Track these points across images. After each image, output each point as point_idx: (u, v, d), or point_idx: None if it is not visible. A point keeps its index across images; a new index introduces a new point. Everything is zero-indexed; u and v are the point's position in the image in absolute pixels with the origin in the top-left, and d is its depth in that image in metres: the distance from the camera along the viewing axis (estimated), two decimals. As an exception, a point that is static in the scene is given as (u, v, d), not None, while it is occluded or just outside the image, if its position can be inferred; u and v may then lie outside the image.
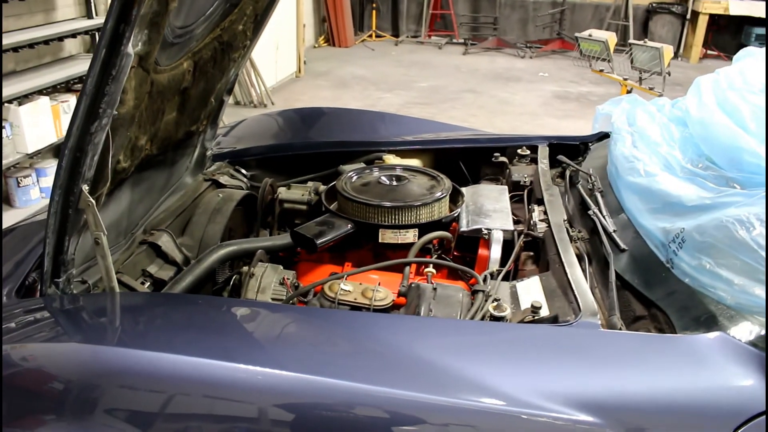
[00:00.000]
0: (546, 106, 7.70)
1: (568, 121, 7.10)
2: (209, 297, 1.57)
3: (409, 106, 7.50)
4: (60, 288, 1.57)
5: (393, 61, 10.05)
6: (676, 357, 1.28)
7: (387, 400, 1.16)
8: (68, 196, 1.48)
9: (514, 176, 2.21)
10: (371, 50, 10.62)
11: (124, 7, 1.26)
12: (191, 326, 1.44)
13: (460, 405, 1.16)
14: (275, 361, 1.23)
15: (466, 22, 11.42)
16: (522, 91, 8.45)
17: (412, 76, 9.02)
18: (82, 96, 1.36)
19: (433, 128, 3.10)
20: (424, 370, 1.23)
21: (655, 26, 10.33)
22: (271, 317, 1.46)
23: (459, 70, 9.59)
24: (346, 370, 1.21)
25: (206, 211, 2.01)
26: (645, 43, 3.73)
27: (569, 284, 1.52)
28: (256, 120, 3.28)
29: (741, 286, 1.30)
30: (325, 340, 1.35)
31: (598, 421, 1.16)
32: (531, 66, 10.05)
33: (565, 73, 9.56)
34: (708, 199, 1.49)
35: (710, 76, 2.05)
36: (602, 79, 9.05)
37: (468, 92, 8.25)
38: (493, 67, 9.85)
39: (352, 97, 7.74)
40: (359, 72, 9.04)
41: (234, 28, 2.10)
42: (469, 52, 10.78)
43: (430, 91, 8.23)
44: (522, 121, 7.06)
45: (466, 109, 7.50)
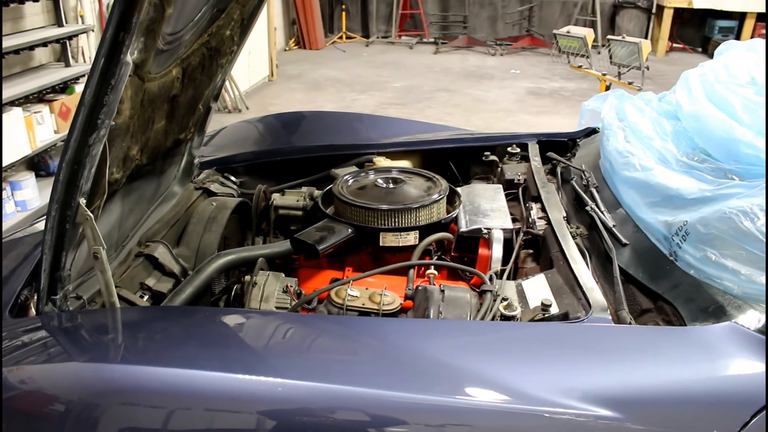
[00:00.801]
0: (520, 103, 7.77)
1: (543, 117, 7.17)
2: (213, 309, 1.54)
3: (384, 107, 7.50)
4: (57, 305, 1.53)
5: (365, 62, 10.04)
6: (689, 348, 1.29)
7: (411, 405, 1.15)
8: (65, 211, 1.44)
9: (508, 175, 2.22)
10: (342, 52, 10.59)
11: (123, 14, 1.23)
12: (197, 339, 1.41)
13: (483, 406, 1.16)
14: (290, 371, 1.21)
15: (435, 22, 11.46)
16: (495, 88, 8.52)
17: (385, 76, 9.03)
18: (80, 107, 1.32)
19: (419, 129, 3.10)
20: (444, 373, 1.22)
21: (622, 21, 10.50)
22: (280, 326, 1.44)
23: (431, 69, 9.62)
24: (365, 378, 1.20)
25: (201, 220, 1.98)
26: (623, 39, 3.79)
27: (576, 281, 1.53)
28: (237, 127, 3.24)
29: (747, 275, 1.33)
30: (340, 347, 1.34)
31: (618, 416, 1.17)
32: (502, 63, 10.13)
33: (536, 69, 9.66)
34: (708, 192, 1.51)
35: (696, 70, 2.08)
36: (574, 75, 9.18)
37: (442, 91, 8.27)
38: (465, 66, 9.91)
39: (327, 100, 7.71)
40: (332, 74, 9.01)
41: (222, 34, 2.08)
42: (440, 51, 10.83)
43: (404, 91, 8.24)
44: (498, 119, 7.11)
45: (441, 108, 7.52)
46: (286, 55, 10.07)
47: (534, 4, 10.93)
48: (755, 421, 1.18)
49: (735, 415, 1.19)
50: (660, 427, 1.20)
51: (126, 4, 1.22)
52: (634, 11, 10.41)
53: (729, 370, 1.26)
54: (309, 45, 10.53)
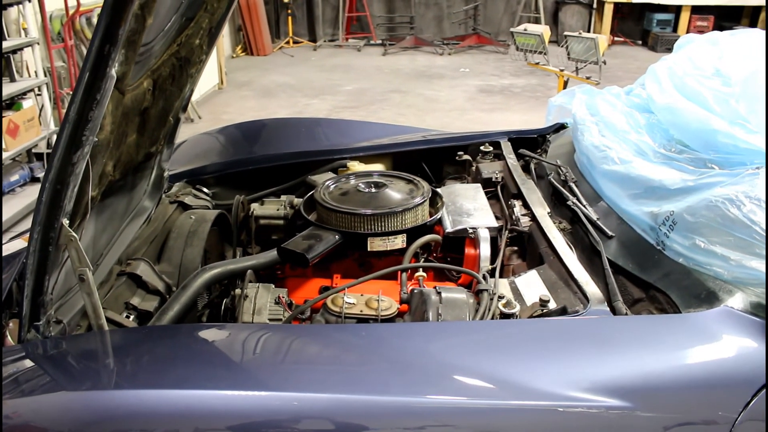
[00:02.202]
0: (472, 101, 7.86)
1: (496, 114, 7.28)
2: (206, 325, 1.50)
3: (337, 111, 7.48)
4: (40, 332, 1.47)
5: (314, 66, 9.98)
6: (687, 334, 1.33)
7: (427, 409, 1.15)
8: (48, 233, 1.38)
9: (485, 173, 2.24)
10: (290, 57, 10.51)
11: (109, 26, 1.19)
12: (194, 358, 1.37)
13: (498, 406, 1.17)
14: (302, 384, 1.19)
15: (382, 23, 11.49)
16: (446, 87, 8.60)
17: (336, 80, 9.00)
18: (64, 124, 1.27)
19: (389, 132, 3.09)
20: (455, 375, 1.22)
21: (564, 17, 10.76)
22: (280, 339, 1.42)
23: (381, 70, 9.65)
24: (379, 385, 1.20)
25: (181, 234, 1.93)
26: (580, 35, 3.88)
27: (570, 275, 1.56)
28: (198, 140, 3.17)
29: (737, 261, 1.37)
30: (347, 356, 1.32)
31: (628, 405, 1.19)
32: (451, 62, 10.23)
33: (484, 67, 9.80)
34: (691, 182, 1.56)
35: (663, 63, 2.14)
36: (522, 71, 9.36)
37: (394, 92, 8.30)
38: (415, 66, 9.97)
39: (279, 106, 7.63)
40: (282, 79, 8.93)
41: (191, 43, 2.03)
42: (389, 52, 10.86)
43: (356, 94, 8.24)
44: (452, 118, 7.18)
45: (394, 109, 7.54)
46: (234, 62, 9.93)
47: (478, 3, 11.09)
48: (756, 400, 1.23)
49: (737, 396, 1.23)
50: (668, 412, 1.23)
51: (112, 16, 1.18)
52: (576, 7, 10.68)
53: (727, 352, 1.30)
54: (256, 51, 10.41)
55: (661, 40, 10.34)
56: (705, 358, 1.29)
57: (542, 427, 1.18)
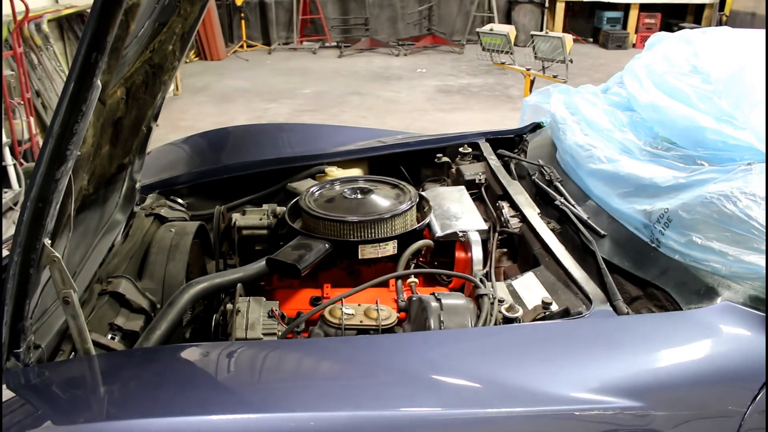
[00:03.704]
0: (432, 101, 7.89)
1: (456, 114, 7.31)
2: (201, 345, 1.43)
3: (298, 114, 7.40)
4: (21, 360, 1.38)
5: (270, 70, 9.86)
6: (691, 331, 1.34)
7: (446, 421, 1.12)
8: (29, 254, 1.30)
9: (467, 175, 2.22)
10: (245, 61, 10.36)
11: (96, 33, 1.12)
12: (191, 381, 1.30)
13: (519, 414, 1.15)
14: (317, 402, 1.15)
15: (336, 25, 11.43)
16: (405, 88, 8.60)
17: (293, 83, 8.91)
18: (48, 138, 1.20)
19: (359, 135, 3.05)
20: (470, 384, 1.20)
21: (517, 16, 10.90)
22: (279, 356, 1.36)
23: (338, 73, 9.59)
24: (394, 400, 1.16)
25: (162, 249, 1.85)
26: (547, 34, 3.92)
27: (569, 276, 1.55)
28: (163, 151, 3.06)
29: (735, 256, 1.39)
30: (354, 371, 1.28)
31: (641, 405, 1.19)
32: (407, 63, 10.25)
33: (441, 67, 9.85)
34: (682, 179, 1.58)
35: (638, 62, 2.17)
36: (479, 71, 9.45)
37: (353, 94, 8.26)
38: (371, 68, 9.95)
39: (238, 111, 7.50)
40: (238, 84, 8.79)
41: (164, 49, 1.96)
42: (344, 54, 10.81)
43: (315, 97, 8.17)
44: (413, 119, 7.18)
45: (355, 112, 7.51)
46: (188, 68, 9.71)
47: (432, 3, 11.14)
48: (763, 393, 1.24)
49: (745, 389, 1.25)
50: (680, 410, 1.23)
51: (99, 22, 1.11)
52: (528, 6, 10.84)
53: (733, 346, 1.31)
54: (210, 56, 10.21)
55: (612, 38, 10.59)
56: (712, 353, 1.30)
57: None
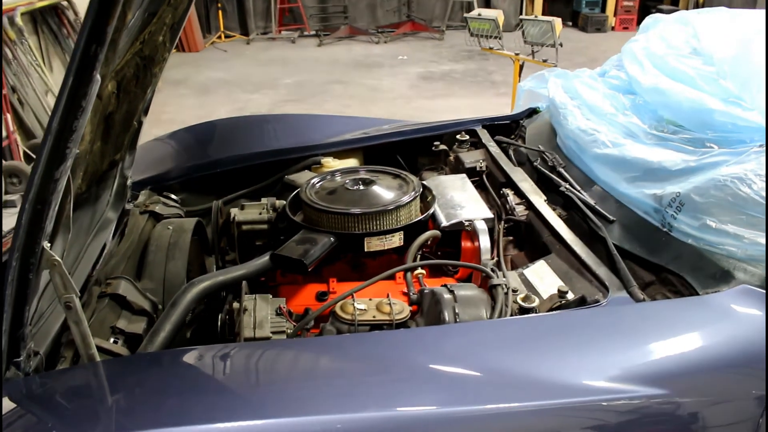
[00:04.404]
0: (415, 88, 7.84)
1: (440, 101, 7.28)
2: (211, 347, 1.38)
3: (280, 105, 7.31)
4: (21, 369, 1.32)
5: (249, 60, 9.73)
6: (711, 315, 1.33)
7: (481, 417, 1.10)
8: (28, 259, 1.25)
9: (468, 163, 2.19)
10: (224, 51, 10.20)
11: (96, 24, 1.06)
12: (206, 387, 1.25)
13: (548, 406, 1.13)
14: (339, 405, 1.11)
15: (315, 14, 11.30)
16: (387, 76, 8.54)
17: (274, 73, 8.80)
18: (46, 137, 1.14)
19: (349, 125, 3.00)
20: (498, 378, 1.18)
21: (496, 1, 10.85)
22: (294, 356, 1.33)
23: (319, 62, 9.49)
24: (419, 399, 1.13)
25: (161, 247, 1.79)
26: (536, 18, 3.89)
27: (582, 263, 1.53)
28: (151, 146, 2.98)
29: (751, 239, 1.37)
30: (374, 370, 1.24)
31: (666, 392, 1.18)
32: (387, 51, 10.18)
33: (422, 54, 9.79)
34: (693, 162, 1.56)
35: (636, 45, 2.15)
36: (460, 56, 9.41)
37: (335, 83, 8.18)
38: (352, 56, 9.86)
39: (219, 102, 7.39)
40: (218, 75, 8.66)
41: (154, 40, 1.89)
42: (324, 43, 10.70)
43: (296, 87, 8.08)
44: (397, 106, 7.13)
45: (338, 101, 7.44)
46: (164, 59, 9.54)
47: (411, -10, 11.07)
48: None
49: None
50: (704, 396, 1.22)
51: (99, 12, 1.06)
52: (507, -10, 10.81)
53: (753, 330, 1.29)
54: (188, 47, 10.04)
55: (591, 21, 10.60)
56: (733, 337, 1.28)
57: (590, 424, 1.15)
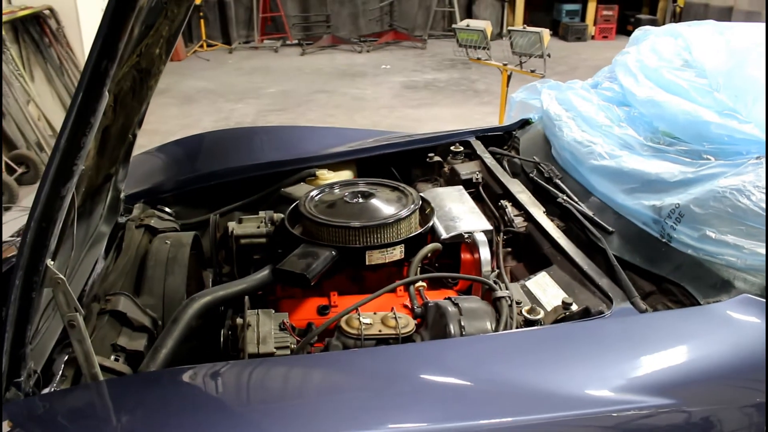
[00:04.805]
0: (399, 98, 7.86)
1: (424, 110, 7.31)
2: (214, 365, 1.36)
3: (264, 114, 7.29)
4: (22, 389, 1.30)
5: (232, 69, 9.70)
6: (715, 325, 1.35)
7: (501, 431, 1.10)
8: (31, 277, 1.23)
9: (463, 174, 2.20)
10: (206, 61, 10.16)
11: (108, 38, 1.06)
12: (216, 406, 1.24)
13: (558, 419, 1.14)
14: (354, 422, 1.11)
15: (297, 23, 11.31)
16: (371, 85, 8.56)
17: (257, 82, 8.78)
18: (54, 154, 1.13)
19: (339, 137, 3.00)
20: (509, 391, 1.18)
21: (478, 10, 10.96)
22: (303, 372, 1.32)
23: (302, 71, 9.49)
24: (435, 413, 1.13)
25: (159, 262, 1.78)
26: (524, 29, 3.94)
27: (585, 275, 1.54)
28: (139, 160, 2.95)
29: (750, 249, 1.40)
30: (386, 385, 1.24)
31: (675, 402, 1.20)
32: (371, 60, 10.20)
33: (405, 63, 9.83)
34: (691, 174, 1.58)
35: (628, 57, 2.18)
36: (443, 66, 9.47)
37: (319, 93, 8.18)
38: (335, 65, 9.87)
39: (203, 112, 7.35)
40: (201, 84, 8.62)
41: (151, 53, 1.89)
42: (307, 52, 10.71)
43: (280, 96, 8.06)
44: (382, 116, 7.15)
45: (322, 110, 7.43)
46: (146, 69, 9.48)
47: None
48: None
49: None
50: (710, 404, 1.24)
51: (111, 28, 1.05)
52: (489, 0, 10.90)
53: (757, 338, 1.31)
54: (170, 56, 9.96)
55: (571, 30, 10.74)
56: (736, 346, 1.30)
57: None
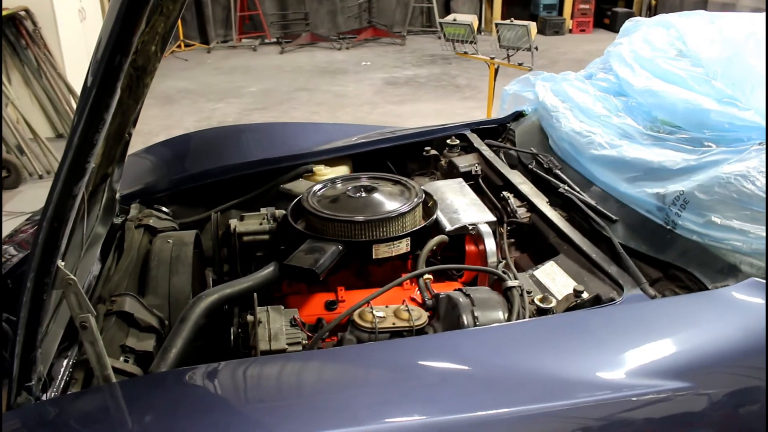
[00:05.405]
0: (381, 94, 7.86)
1: (407, 106, 7.31)
2: (227, 363, 1.34)
3: (247, 113, 7.24)
4: (33, 394, 1.28)
5: (211, 69, 9.61)
6: (725, 308, 1.37)
7: (514, 418, 1.10)
8: (42, 279, 1.21)
9: (462, 167, 2.21)
10: (185, 61, 10.04)
11: (121, 34, 1.04)
12: (233, 404, 1.24)
13: (580, 404, 1.15)
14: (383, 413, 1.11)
15: (276, 21, 11.24)
16: (352, 82, 8.54)
17: (237, 82, 8.71)
18: (67, 152, 1.11)
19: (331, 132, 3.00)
20: (530, 379, 1.19)
21: (456, 5, 10.99)
22: (319, 367, 1.32)
23: (282, 69, 9.44)
24: (457, 403, 1.14)
25: (163, 262, 1.76)
26: (512, 22, 3.96)
27: (592, 263, 1.56)
28: (126, 162, 2.92)
29: (756, 233, 1.42)
30: (407, 377, 1.24)
31: (690, 385, 1.21)
32: (350, 57, 10.18)
33: (385, 59, 9.82)
34: (693, 161, 1.60)
35: (622, 48, 2.20)
36: (423, 61, 9.48)
37: (300, 91, 8.14)
38: (315, 63, 9.83)
39: (184, 112, 7.28)
40: (180, 85, 8.52)
41: (147, 50, 1.86)
42: (286, 50, 10.64)
43: (261, 95, 8.01)
44: (365, 112, 7.14)
45: (305, 108, 7.40)
46: (123, 69, 9.34)
47: (371, -4, 11.11)
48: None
49: None
50: (725, 386, 1.26)
51: (125, 21, 1.04)
52: (467, -4, 10.96)
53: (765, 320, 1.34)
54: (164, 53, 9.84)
55: (549, 24, 10.82)
56: (747, 328, 1.32)
57: (622, 419, 1.17)
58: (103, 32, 1.19)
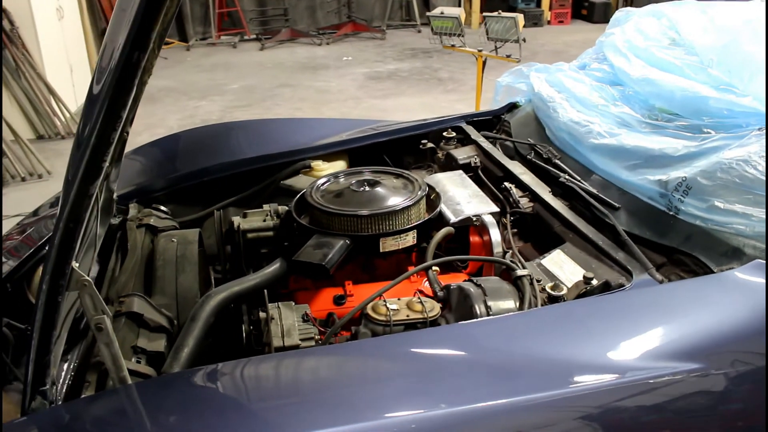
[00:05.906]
0: (364, 89, 7.85)
1: (391, 100, 7.31)
2: (241, 361, 1.34)
3: (230, 111, 7.19)
4: (47, 398, 1.27)
5: (191, 66, 9.52)
6: (732, 291, 1.40)
7: (538, 405, 1.12)
8: (57, 281, 1.20)
9: (460, 159, 2.22)
10: (164, 59, 9.90)
11: (140, 30, 1.04)
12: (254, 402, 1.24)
13: (597, 388, 1.18)
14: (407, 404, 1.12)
15: (255, 17, 11.15)
16: (334, 77, 8.51)
17: (219, 79, 8.64)
18: (84, 152, 1.10)
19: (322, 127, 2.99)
20: (549, 365, 1.21)
21: (435, -1, 10.99)
22: (340, 362, 1.33)
23: (263, 66, 9.38)
24: (480, 392, 1.15)
25: (168, 261, 1.75)
26: (500, 15, 3.98)
27: (599, 251, 1.58)
28: None
29: (759, 217, 1.46)
30: (427, 369, 1.25)
31: (702, 366, 1.24)
32: (331, 52, 10.14)
33: (366, 54, 9.80)
34: (694, 147, 1.63)
35: (616, 38, 2.23)
36: (404, 55, 9.48)
37: (283, 87, 8.11)
38: (296, 59, 9.78)
39: (167, 111, 7.21)
40: (161, 83, 8.43)
41: (147, 49, 1.84)
42: (266, 46, 10.57)
43: (244, 92, 7.96)
44: (349, 107, 7.13)
45: (289, 104, 7.37)
46: (102, 69, 9.21)
47: (350, -10, 11.06)
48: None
49: None
50: (737, 367, 1.29)
51: (144, 19, 1.03)
52: (446, -11, 10.95)
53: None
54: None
55: (528, 16, 10.85)
56: (755, 309, 1.35)
57: (643, 401, 1.19)
58: (112, 32, 1.18)
